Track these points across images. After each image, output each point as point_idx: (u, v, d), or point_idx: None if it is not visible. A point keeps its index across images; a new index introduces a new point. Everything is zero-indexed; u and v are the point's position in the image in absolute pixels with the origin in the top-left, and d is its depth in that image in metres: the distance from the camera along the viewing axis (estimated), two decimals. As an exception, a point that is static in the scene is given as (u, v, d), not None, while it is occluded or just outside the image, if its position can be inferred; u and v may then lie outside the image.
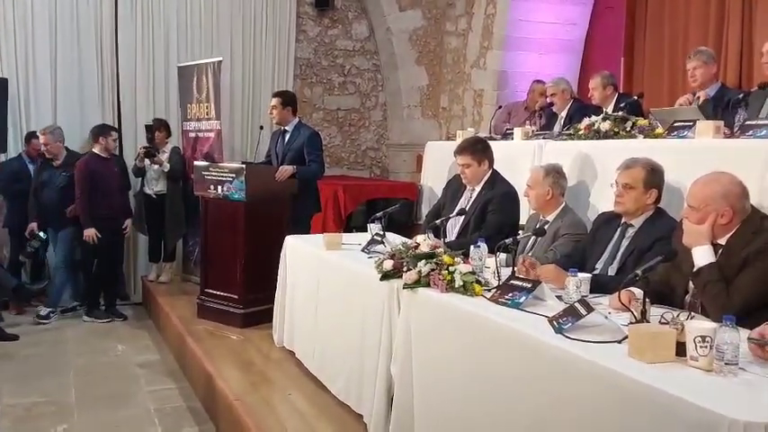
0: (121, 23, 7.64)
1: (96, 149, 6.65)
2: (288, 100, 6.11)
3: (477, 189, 4.58)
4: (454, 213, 4.48)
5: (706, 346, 2.06)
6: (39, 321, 6.56)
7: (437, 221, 4.30)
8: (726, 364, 2.03)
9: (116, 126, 7.54)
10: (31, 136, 7.07)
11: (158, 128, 7.18)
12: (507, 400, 2.52)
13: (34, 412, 4.54)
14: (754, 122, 3.59)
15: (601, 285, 3.07)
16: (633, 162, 3.43)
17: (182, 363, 5.39)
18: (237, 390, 4.19)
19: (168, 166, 6.98)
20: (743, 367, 2.06)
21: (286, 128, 6.08)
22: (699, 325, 2.14)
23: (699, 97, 4.75)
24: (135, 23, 7.69)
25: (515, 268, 3.23)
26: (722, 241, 2.75)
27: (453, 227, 4.61)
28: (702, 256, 2.72)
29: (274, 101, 6.07)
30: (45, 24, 7.33)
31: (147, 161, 6.99)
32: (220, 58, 7.07)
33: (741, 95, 4.23)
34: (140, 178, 7.27)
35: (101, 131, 6.73)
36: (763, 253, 2.61)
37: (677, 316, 2.33)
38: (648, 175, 3.36)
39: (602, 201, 4.00)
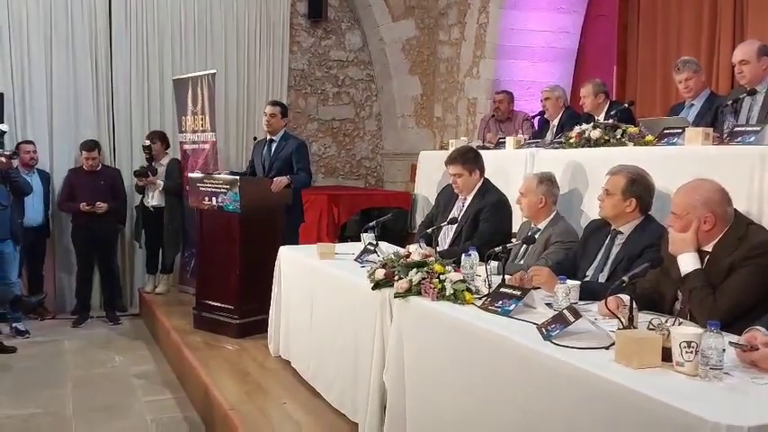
0: (116, 37, 7.67)
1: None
2: (285, 111, 6.24)
3: (469, 198, 4.61)
4: (446, 222, 4.51)
5: (691, 352, 2.09)
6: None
7: (428, 230, 4.33)
8: (711, 368, 2.06)
9: (111, 139, 7.67)
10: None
11: (156, 140, 7.20)
12: (497, 406, 2.55)
13: (32, 424, 4.55)
14: (742, 129, 3.62)
15: (590, 292, 3.10)
16: (619, 169, 3.47)
17: (178, 373, 5.41)
18: (233, 399, 4.20)
19: (162, 184, 7.03)
20: (727, 372, 2.09)
21: (273, 137, 6.12)
22: (684, 330, 2.17)
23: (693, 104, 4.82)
24: (129, 36, 7.72)
25: (506, 276, 3.26)
26: (708, 248, 2.78)
27: (446, 236, 4.64)
28: (688, 262, 2.75)
29: (274, 109, 6.10)
30: (40, 38, 7.35)
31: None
32: (214, 71, 7.11)
33: (730, 102, 4.27)
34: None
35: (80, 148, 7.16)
36: (748, 259, 2.64)
37: (664, 322, 2.36)
38: (628, 183, 3.38)
39: (593, 208, 4.00)
